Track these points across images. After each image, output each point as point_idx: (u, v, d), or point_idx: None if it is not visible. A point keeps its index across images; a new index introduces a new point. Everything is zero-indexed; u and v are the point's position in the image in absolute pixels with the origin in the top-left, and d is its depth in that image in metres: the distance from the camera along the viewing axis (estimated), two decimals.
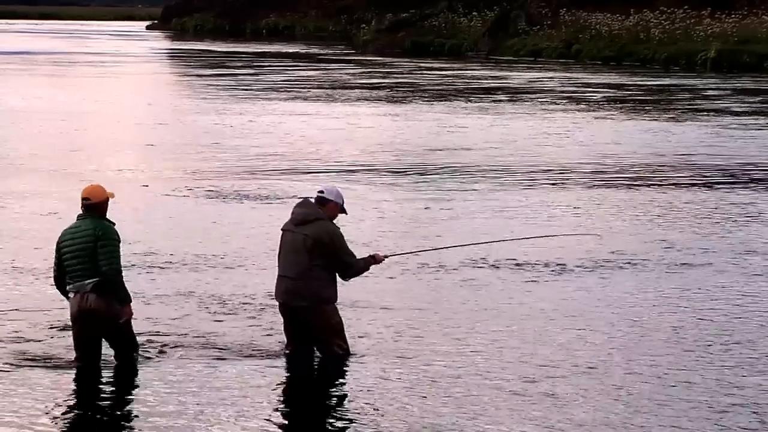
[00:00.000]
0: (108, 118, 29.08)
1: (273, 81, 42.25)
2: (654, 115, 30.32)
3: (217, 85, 39.92)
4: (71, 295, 8.64)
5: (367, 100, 34.88)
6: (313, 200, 9.19)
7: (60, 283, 8.80)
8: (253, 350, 9.39)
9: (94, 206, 8.70)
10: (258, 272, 12.22)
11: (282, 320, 9.25)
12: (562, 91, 38.01)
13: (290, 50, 66.58)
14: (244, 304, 10.96)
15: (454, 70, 49.71)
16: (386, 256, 9.55)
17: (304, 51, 65.98)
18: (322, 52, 65.53)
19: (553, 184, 18.97)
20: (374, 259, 9.31)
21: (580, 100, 34.65)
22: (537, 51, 57.94)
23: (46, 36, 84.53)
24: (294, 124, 27.73)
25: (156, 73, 48.87)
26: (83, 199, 8.72)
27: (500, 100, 34.90)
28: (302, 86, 39.89)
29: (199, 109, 31.09)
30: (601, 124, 28.36)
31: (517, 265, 12.73)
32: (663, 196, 17.63)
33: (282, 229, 9.16)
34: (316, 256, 8.90)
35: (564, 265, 12.77)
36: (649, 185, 18.95)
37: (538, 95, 36.56)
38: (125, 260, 9.38)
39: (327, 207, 9.10)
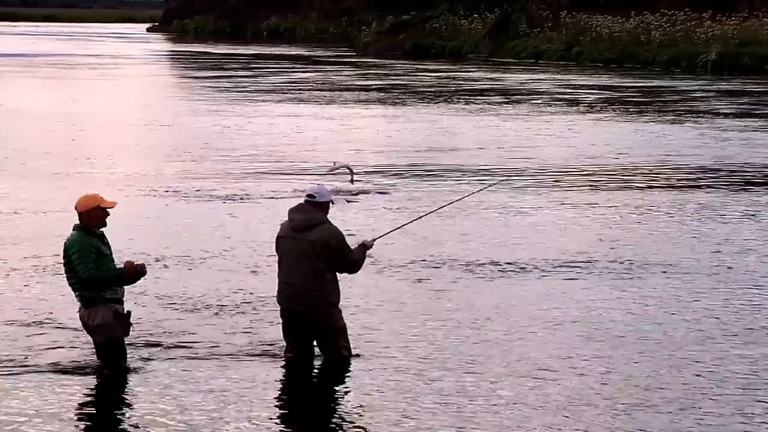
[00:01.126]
0: (104, 119, 29.51)
1: (271, 83, 42.62)
2: (650, 117, 30.70)
3: (215, 87, 40.27)
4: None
5: (364, 102, 35.24)
6: (307, 204, 9.20)
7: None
8: (253, 353, 9.59)
9: (79, 217, 8.91)
10: (246, 273, 12.61)
11: (281, 324, 9.37)
12: (560, 93, 38.38)
13: (290, 52, 66.99)
14: (237, 305, 11.22)
15: (453, 72, 50.02)
16: (374, 240, 9.70)
17: (304, 53, 66.40)
18: (322, 54, 65.93)
19: (538, 185, 19.37)
20: (365, 247, 9.48)
21: (575, 102, 35.02)
22: (538, 53, 58.32)
23: (48, 38, 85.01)
24: (288, 125, 28.07)
25: (155, 75, 49.29)
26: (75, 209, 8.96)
27: (496, 102, 35.23)
28: (299, 88, 40.21)
29: (195, 111, 31.46)
30: (596, 126, 28.74)
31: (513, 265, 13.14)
32: (639, 198, 18.03)
33: (279, 236, 9.23)
34: (323, 260, 9.07)
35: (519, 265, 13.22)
36: (629, 186, 19.38)
37: (534, 97, 36.93)
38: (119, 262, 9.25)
39: (321, 209, 9.23)
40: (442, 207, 12.38)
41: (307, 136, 26.02)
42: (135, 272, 8.86)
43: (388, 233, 10.68)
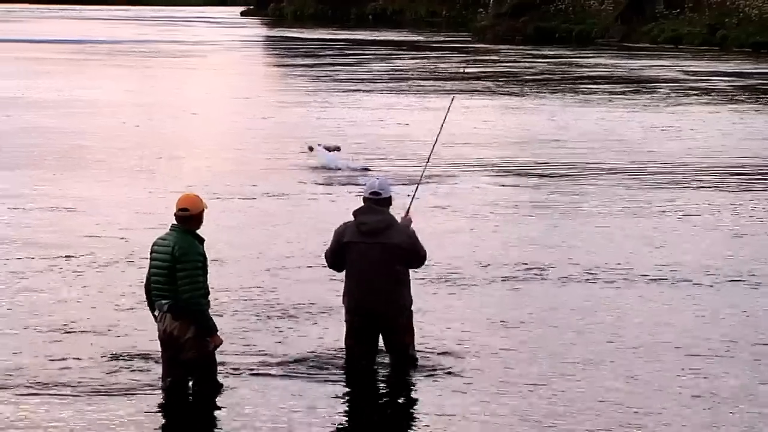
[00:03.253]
0: (189, 112, 29.98)
1: (370, 71, 42.98)
2: None
3: (311, 76, 40.81)
4: (156, 312, 8.96)
5: (472, 92, 35.34)
6: (372, 204, 9.42)
7: (147, 294, 9.06)
8: (315, 361, 9.88)
9: (189, 218, 8.87)
10: (305, 280, 12.86)
11: (342, 329, 9.66)
12: (696, 81, 37.93)
13: (396, 38, 67.37)
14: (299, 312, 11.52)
15: (577, 58, 49.77)
16: (407, 212, 9.85)
17: (411, 39, 66.67)
18: (431, 39, 66.17)
19: (670, 184, 19.30)
20: (409, 221, 9.67)
21: (713, 92, 34.60)
22: (677, 37, 57.60)
23: (131, 23, 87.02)
24: (386, 117, 28.37)
25: (247, 63, 50.02)
26: (179, 209, 8.88)
27: (623, 92, 35.03)
28: (401, 77, 40.48)
29: (288, 102, 31.92)
30: (734, 118, 28.40)
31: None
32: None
33: (347, 242, 9.42)
34: (399, 262, 9.34)
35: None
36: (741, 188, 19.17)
37: (669, 86, 36.59)
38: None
39: (387, 205, 9.47)
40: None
41: (406, 130, 26.25)
42: (216, 343, 8.99)
43: (413, 200, 10.49)
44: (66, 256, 13.66)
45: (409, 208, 9.96)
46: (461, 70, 17.84)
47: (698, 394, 9.32)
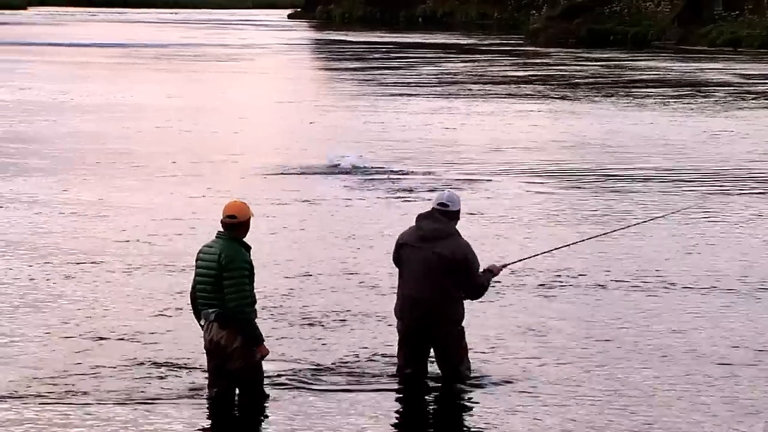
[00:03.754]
0: (234, 116, 30.22)
1: (419, 75, 43.11)
2: None
3: (358, 80, 41.07)
4: (202, 321, 8.98)
5: (522, 96, 35.43)
6: (438, 213, 9.46)
7: (193, 303, 9.08)
8: (359, 374, 9.97)
9: (236, 226, 8.89)
10: (338, 288, 13.11)
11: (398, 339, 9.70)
12: (753, 85, 37.83)
13: (446, 41, 67.42)
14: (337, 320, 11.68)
15: (631, 61, 49.58)
16: (504, 266, 9.96)
17: (461, 42, 66.72)
18: (482, 42, 66.20)
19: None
20: (492, 273, 9.73)
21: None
22: (735, 40, 57.33)
23: (181, 26, 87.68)
24: (435, 122, 28.56)
25: (295, 67, 50.29)
26: (227, 216, 8.91)
27: (677, 96, 34.99)
28: (449, 81, 40.56)
29: (337, 107, 32.25)
30: None
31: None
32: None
33: (402, 243, 9.50)
34: (449, 275, 9.34)
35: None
36: None
37: (724, 90, 36.53)
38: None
39: (452, 218, 9.48)
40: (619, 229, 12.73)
41: (453, 135, 26.43)
42: (263, 353, 9.03)
43: (521, 260, 10.90)
44: (95, 262, 13.96)
45: (509, 264, 10.15)
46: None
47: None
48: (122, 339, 10.93)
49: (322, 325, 11.40)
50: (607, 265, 13.90)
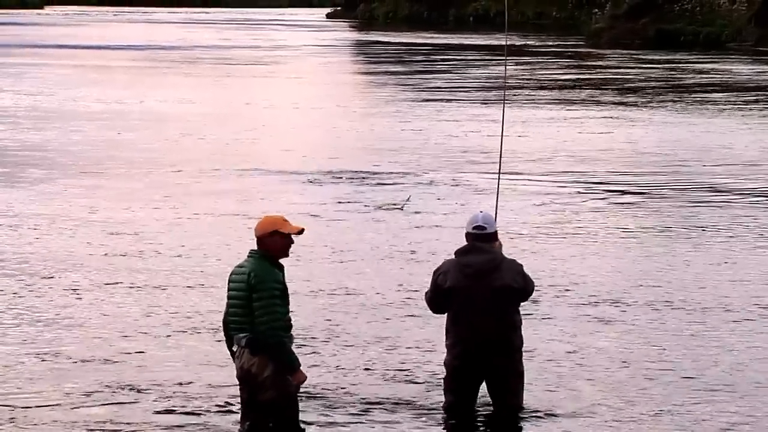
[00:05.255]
0: (260, 124, 30.32)
1: (464, 78, 43.13)
2: None
3: (398, 84, 41.35)
4: (234, 348, 8.98)
5: (576, 102, 35.30)
6: (476, 240, 9.40)
7: (225, 328, 9.10)
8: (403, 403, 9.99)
9: (258, 242, 8.96)
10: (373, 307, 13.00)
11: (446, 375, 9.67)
12: None
13: (498, 42, 67.31)
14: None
15: (700, 64, 49.43)
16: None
17: (515, 43, 66.62)
18: (537, 44, 66.02)
19: None
20: (499, 246, 9.71)
21: None
22: None
23: (213, 26, 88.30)
24: (478, 130, 28.71)
25: (326, 70, 50.45)
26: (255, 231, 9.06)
27: (747, 102, 34.81)
28: (495, 86, 40.52)
29: (373, 113, 32.50)
30: None
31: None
32: None
33: (451, 287, 9.37)
34: (511, 304, 9.38)
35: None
36: None
37: None
38: None
39: (493, 241, 9.46)
40: None
41: (492, 143, 26.30)
42: (299, 380, 9.02)
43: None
44: (111, 283, 13.97)
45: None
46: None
47: None
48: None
49: (348, 347, 11.44)
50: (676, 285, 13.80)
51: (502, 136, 11.04)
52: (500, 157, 11.31)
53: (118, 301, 13.16)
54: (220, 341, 10.00)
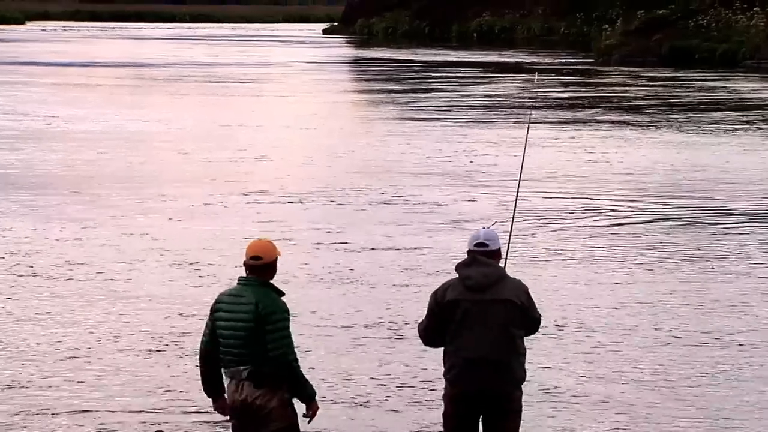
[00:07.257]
0: (239, 148, 30.28)
1: (462, 98, 43.17)
2: None
3: (393, 104, 41.47)
4: (226, 381, 8.95)
5: (585, 122, 35.25)
6: (476, 255, 9.31)
7: (207, 362, 9.03)
8: None
9: (263, 268, 8.87)
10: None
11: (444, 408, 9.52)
12: None
13: (502, 59, 67.42)
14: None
15: (716, 81, 49.42)
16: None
17: (519, 60, 66.60)
18: (543, 61, 66.08)
19: None
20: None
21: None
22: None
23: (201, 43, 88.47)
24: (480, 151, 28.81)
25: (318, 90, 50.49)
26: (251, 257, 8.87)
27: (755, 121, 34.81)
28: (495, 105, 40.63)
29: (360, 133, 32.68)
30: None
31: None
32: None
33: (450, 300, 9.29)
34: (513, 323, 9.23)
35: None
36: None
37: None
38: None
39: (496, 258, 9.39)
40: None
41: (489, 166, 26.27)
42: (314, 410, 8.98)
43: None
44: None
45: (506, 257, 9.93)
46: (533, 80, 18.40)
47: None
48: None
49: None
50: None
51: (522, 161, 11.13)
52: (518, 183, 11.41)
53: None
54: None
